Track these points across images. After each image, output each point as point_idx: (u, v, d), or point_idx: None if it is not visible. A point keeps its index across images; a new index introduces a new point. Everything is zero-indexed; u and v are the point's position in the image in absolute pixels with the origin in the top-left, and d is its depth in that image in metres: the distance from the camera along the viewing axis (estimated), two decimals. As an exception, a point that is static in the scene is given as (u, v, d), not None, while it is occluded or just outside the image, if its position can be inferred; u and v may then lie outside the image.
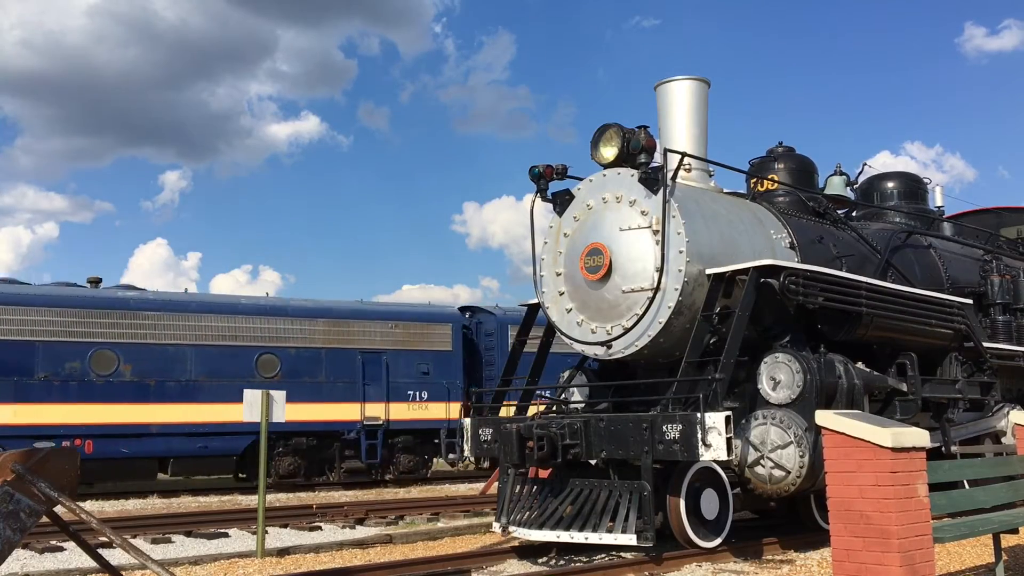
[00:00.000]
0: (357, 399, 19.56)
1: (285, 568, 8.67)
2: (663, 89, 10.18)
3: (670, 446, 7.88)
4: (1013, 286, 12.87)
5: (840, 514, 5.55)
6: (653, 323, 8.84)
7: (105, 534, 4.62)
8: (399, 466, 20.17)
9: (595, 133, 9.48)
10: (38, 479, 4.36)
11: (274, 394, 9.74)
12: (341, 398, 19.45)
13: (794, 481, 8.32)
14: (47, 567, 8.73)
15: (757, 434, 8.47)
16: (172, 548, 10.16)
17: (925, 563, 5.42)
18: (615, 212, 9.28)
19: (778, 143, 11.72)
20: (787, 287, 8.74)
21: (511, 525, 8.78)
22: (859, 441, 5.51)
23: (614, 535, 8.05)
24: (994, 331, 12.44)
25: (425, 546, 10.01)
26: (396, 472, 20.12)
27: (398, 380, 20.05)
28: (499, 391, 10.56)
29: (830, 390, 8.94)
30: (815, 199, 11.19)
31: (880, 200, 13.51)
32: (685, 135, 9.94)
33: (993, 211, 16.15)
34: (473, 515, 12.55)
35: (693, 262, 8.79)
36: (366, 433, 19.54)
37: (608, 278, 9.14)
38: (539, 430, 8.52)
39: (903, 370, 10.14)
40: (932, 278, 11.91)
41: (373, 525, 12.04)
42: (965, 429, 11.19)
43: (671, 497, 8.23)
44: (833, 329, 9.58)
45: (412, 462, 20.34)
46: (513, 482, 9.08)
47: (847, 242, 10.92)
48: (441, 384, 20.42)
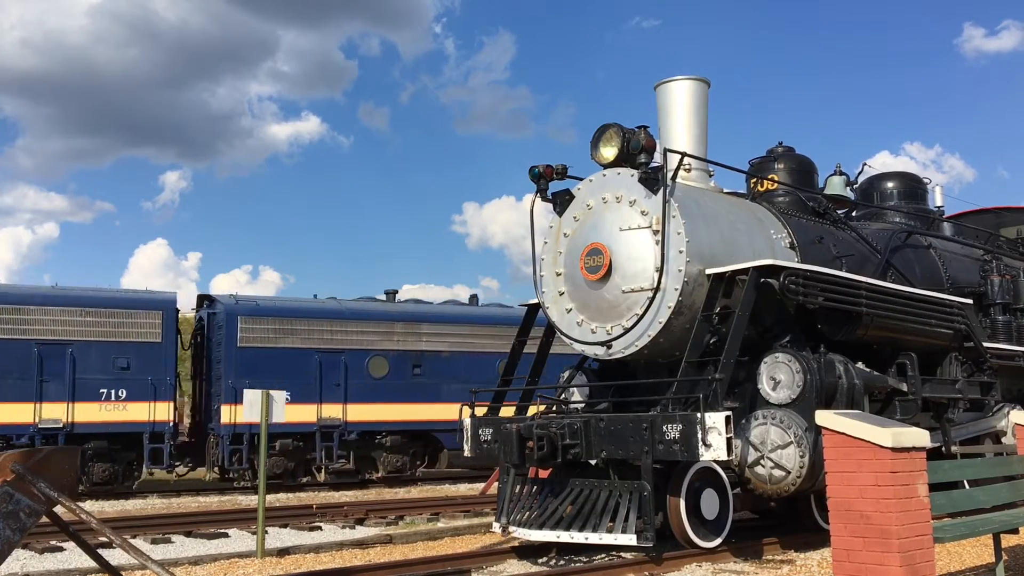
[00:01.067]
0: (31, 399, 17.01)
1: (285, 568, 8.67)
2: (663, 89, 10.18)
3: (670, 446, 7.88)
4: (1013, 286, 12.87)
5: (840, 514, 5.55)
6: (653, 323, 8.84)
7: (105, 534, 4.62)
8: (91, 476, 17.18)
9: (595, 133, 9.49)
10: (38, 479, 4.36)
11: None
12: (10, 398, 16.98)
13: (794, 481, 8.32)
14: (47, 567, 8.73)
15: (757, 434, 8.48)
16: (172, 548, 10.16)
17: (925, 563, 5.42)
18: (615, 212, 9.28)
19: (778, 143, 11.72)
20: (787, 287, 8.74)
21: (511, 525, 8.78)
22: (859, 441, 5.51)
23: (614, 535, 8.05)
24: (994, 331, 12.44)
25: (425, 546, 10.01)
26: (88, 484, 17.06)
27: (87, 376, 17.43)
28: (499, 391, 10.55)
29: (830, 390, 8.94)
30: (815, 199, 11.20)
31: (880, 200, 13.52)
32: (685, 135, 9.94)
33: (993, 211, 16.15)
34: (473, 515, 12.55)
35: (693, 262, 8.79)
36: (43, 438, 16.79)
37: (608, 278, 9.14)
38: (539, 430, 8.52)
39: (903, 370, 10.14)
40: (932, 278, 11.91)
41: (373, 525, 12.04)
42: (965, 429, 11.18)
43: (671, 497, 8.23)
44: (833, 329, 9.57)
45: (107, 472, 17.31)
46: (513, 482, 9.08)
47: (847, 242, 10.92)
48: (145, 381, 17.85)
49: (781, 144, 11.71)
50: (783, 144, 11.70)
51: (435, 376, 20.27)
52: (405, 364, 20.12)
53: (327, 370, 19.23)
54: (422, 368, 20.25)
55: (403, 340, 20.20)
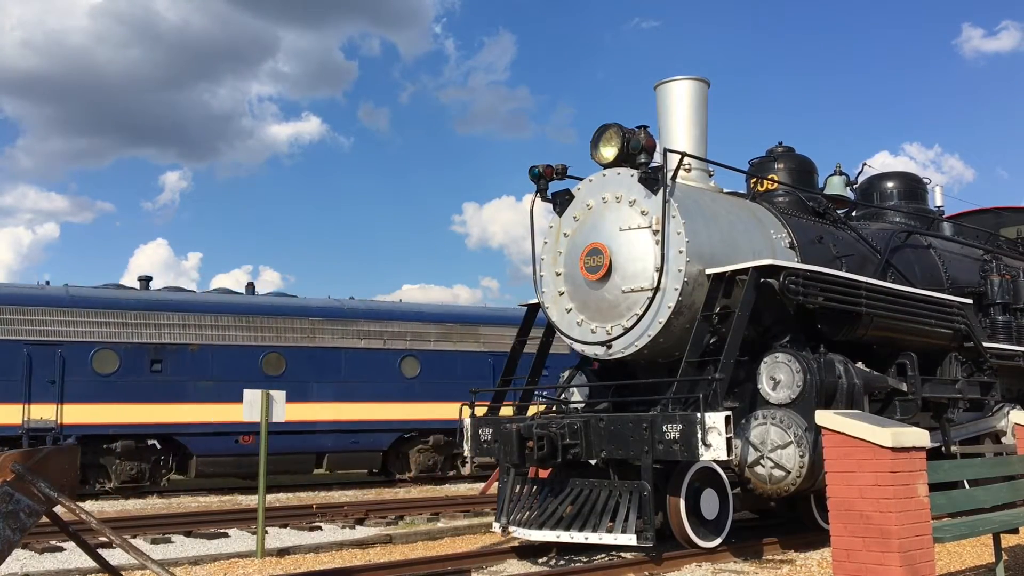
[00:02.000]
0: None
1: (285, 568, 8.67)
2: (663, 89, 10.18)
3: (670, 446, 7.88)
4: (1013, 286, 12.86)
5: (840, 514, 5.55)
6: (653, 323, 8.84)
7: (105, 534, 4.61)
8: None
9: (595, 133, 9.49)
10: (38, 479, 4.36)
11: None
12: None
13: (794, 481, 8.32)
14: (47, 567, 8.73)
15: (757, 434, 8.47)
16: (172, 548, 10.16)
17: (925, 563, 5.42)
18: (615, 212, 9.28)
19: (778, 143, 11.72)
20: (787, 287, 8.74)
21: (511, 525, 8.77)
22: (859, 441, 5.51)
23: (614, 535, 8.05)
24: (994, 331, 12.44)
25: (425, 546, 10.00)
26: None
27: None
28: (499, 391, 10.55)
29: (830, 390, 8.94)
30: (815, 199, 11.19)
31: (880, 200, 13.51)
32: (685, 135, 9.94)
33: (993, 211, 16.14)
34: (473, 515, 12.55)
35: (693, 262, 8.79)
36: None
37: (608, 278, 9.14)
38: (539, 430, 8.52)
39: (903, 370, 10.14)
40: (932, 278, 11.91)
41: (373, 525, 12.04)
42: (965, 429, 11.18)
43: (671, 497, 8.23)
44: (833, 329, 9.57)
45: None
46: (513, 482, 9.08)
47: (847, 242, 10.92)
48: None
49: (781, 144, 11.71)
50: (783, 144, 11.70)
51: (181, 373, 18.22)
52: (141, 359, 17.98)
53: (38, 365, 17.05)
54: (163, 364, 18.15)
55: (139, 332, 18.03)
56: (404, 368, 20.42)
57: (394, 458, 20.52)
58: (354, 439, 19.62)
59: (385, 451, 20.26)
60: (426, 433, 20.31)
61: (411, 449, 20.46)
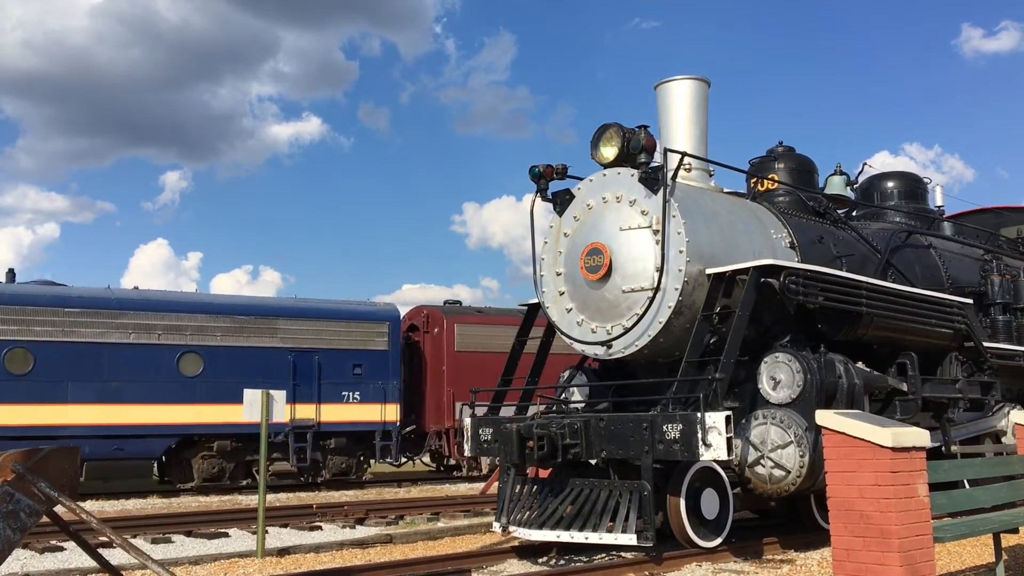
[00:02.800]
0: None
1: (285, 568, 8.67)
2: (663, 89, 10.18)
3: (670, 446, 7.88)
4: (1013, 286, 12.86)
5: (840, 514, 5.55)
6: (653, 323, 8.84)
7: (105, 534, 4.62)
8: None
9: (595, 133, 9.49)
10: (38, 479, 4.36)
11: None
12: None
13: (794, 481, 8.32)
14: (47, 567, 8.73)
15: (757, 434, 8.47)
16: (172, 548, 10.16)
17: (925, 563, 5.42)
18: (615, 212, 9.28)
19: (778, 143, 11.72)
20: (787, 287, 8.74)
21: (511, 525, 8.77)
22: (859, 441, 5.51)
23: (614, 535, 8.04)
24: (994, 331, 12.44)
25: (425, 546, 10.01)
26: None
27: None
28: (499, 391, 10.55)
29: (830, 390, 8.93)
30: (815, 199, 11.19)
31: (880, 200, 13.51)
32: (685, 135, 9.94)
33: (993, 211, 16.14)
34: (473, 515, 12.55)
35: (693, 262, 8.79)
36: None
37: (608, 278, 9.14)
38: (539, 430, 8.52)
39: (903, 370, 10.13)
40: (932, 278, 11.91)
41: (373, 525, 12.04)
42: (965, 429, 11.18)
43: (671, 497, 8.24)
44: (833, 329, 9.57)
45: None
46: (513, 482, 9.08)
47: (847, 242, 10.92)
48: None
49: (781, 144, 11.71)
50: (783, 144, 11.70)
51: None
52: None
53: None
54: None
55: None
56: (183, 366, 18.25)
57: (175, 465, 18.49)
58: (118, 446, 17.48)
59: (161, 458, 18.56)
60: (211, 438, 18.39)
61: (194, 456, 18.39)
